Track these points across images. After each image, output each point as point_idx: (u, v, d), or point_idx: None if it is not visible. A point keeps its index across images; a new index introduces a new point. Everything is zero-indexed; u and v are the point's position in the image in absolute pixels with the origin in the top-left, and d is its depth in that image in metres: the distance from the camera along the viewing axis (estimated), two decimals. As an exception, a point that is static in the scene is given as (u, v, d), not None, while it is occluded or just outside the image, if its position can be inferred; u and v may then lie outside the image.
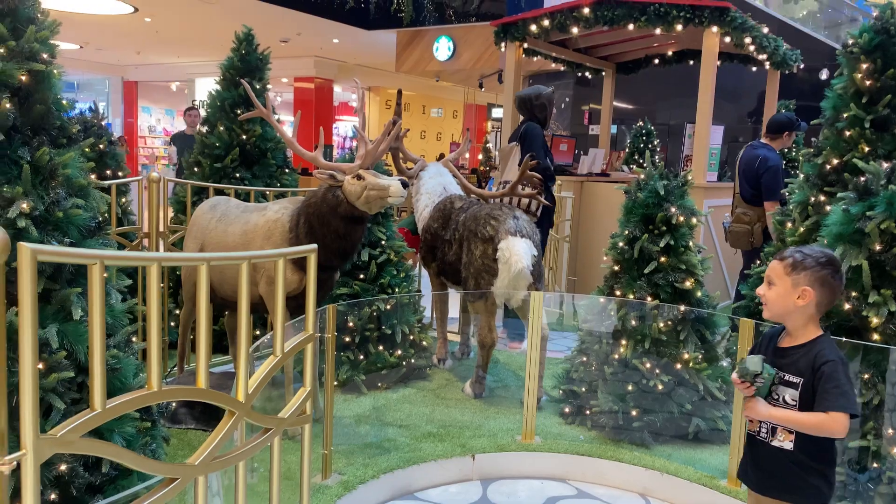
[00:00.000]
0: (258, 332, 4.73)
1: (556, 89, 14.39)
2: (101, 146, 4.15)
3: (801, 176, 4.04)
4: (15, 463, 1.08)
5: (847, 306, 3.02)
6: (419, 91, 19.71)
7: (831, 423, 1.89)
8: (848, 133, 3.79)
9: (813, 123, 4.10)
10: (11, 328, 1.63)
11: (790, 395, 2.00)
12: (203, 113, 5.00)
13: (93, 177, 2.81)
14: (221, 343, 4.50)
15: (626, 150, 10.47)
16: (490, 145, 19.49)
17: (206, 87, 19.22)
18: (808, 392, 1.96)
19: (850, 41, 3.81)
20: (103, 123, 4.30)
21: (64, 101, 2.55)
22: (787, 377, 2.02)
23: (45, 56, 2.40)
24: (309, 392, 1.86)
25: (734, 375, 2.05)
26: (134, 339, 2.69)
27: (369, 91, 19.68)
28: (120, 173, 4.28)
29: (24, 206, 2.24)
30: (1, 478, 1.08)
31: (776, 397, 2.02)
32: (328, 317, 2.95)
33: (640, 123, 10.44)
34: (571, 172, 7.68)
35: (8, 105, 2.27)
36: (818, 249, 2.04)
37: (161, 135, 21.67)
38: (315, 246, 1.87)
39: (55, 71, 2.45)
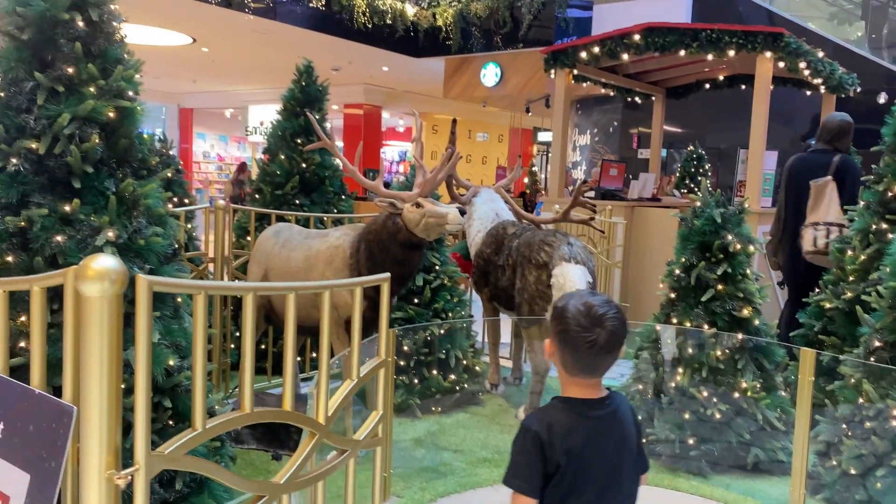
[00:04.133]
0: (314, 355, 4.85)
1: (604, 113, 14.43)
2: (170, 174, 4.33)
3: (862, 203, 3.99)
4: (129, 477, 1.17)
5: (912, 336, 2.98)
6: (465, 116, 19.87)
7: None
8: (911, 160, 3.75)
9: (873, 150, 4.05)
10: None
11: None
12: (258, 138, 5.21)
13: (170, 206, 2.95)
14: (280, 365, 4.61)
15: (677, 174, 10.41)
16: (535, 169, 19.54)
17: (258, 114, 19.78)
18: None
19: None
20: (171, 152, 4.49)
21: (145, 135, 2.70)
22: None
23: (130, 93, 2.55)
24: (382, 416, 1.93)
25: None
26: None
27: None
28: (186, 200, 4.46)
29: (111, 234, 2.37)
30: (115, 491, 1.17)
31: None
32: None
33: (691, 148, 10.38)
34: (622, 197, 7.68)
35: (97, 139, 2.41)
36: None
37: (214, 160, 22.29)
38: (388, 275, 1.95)
39: (138, 107, 2.60)
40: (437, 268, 4.46)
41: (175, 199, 4.41)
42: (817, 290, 4.23)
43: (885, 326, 3.11)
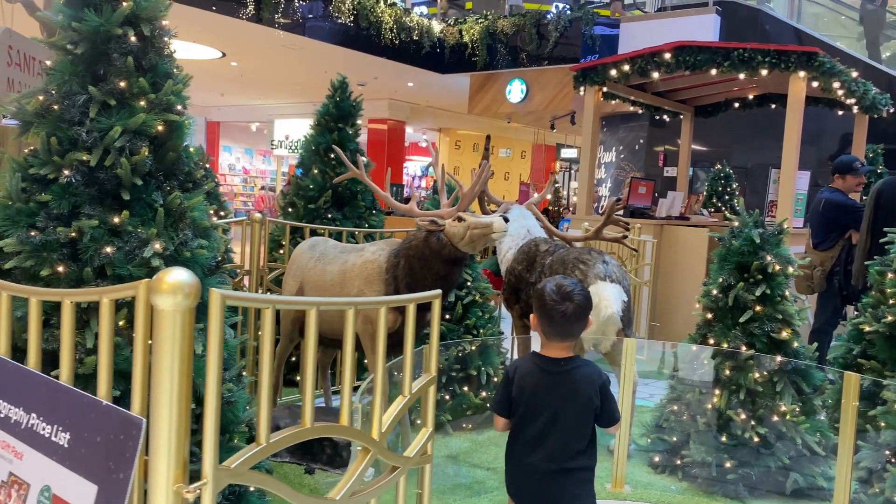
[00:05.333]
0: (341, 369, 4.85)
1: (629, 131, 14.39)
2: (208, 188, 4.37)
3: (903, 226, 3.94)
4: (198, 491, 1.17)
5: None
6: (488, 132, 19.95)
7: None
8: (954, 182, 3.69)
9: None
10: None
11: None
12: (283, 151, 5.27)
13: (215, 219, 2.98)
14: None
15: (704, 193, 10.34)
16: (558, 185, 19.51)
17: (284, 128, 19.97)
18: None
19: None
20: (207, 166, 4.54)
21: (191, 149, 2.73)
22: None
23: (178, 108, 2.59)
24: (431, 433, 1.92)
25: None
26: (244, 373, 2.81)
27: (440, 132, 20.05)
28: (221, 213, 4.50)
29: (158, 246, 2.39)
30: (181, 503, 1.17)
31: None
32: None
33: (718, 166, 10.31)
34: (650, 215, 7.64)
35: (146, 152, 2.44)
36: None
37: (240, 173, 22.51)
38: (440, 291, 1.95)
39: (186, 121, 2.63)
40: (468, 284, 4.46)
41: (212, 212, 4.44)
42: (856, 313, 4.17)
43: (931, 351, 3.05)
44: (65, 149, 2.40)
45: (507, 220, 3.28)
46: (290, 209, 5.04)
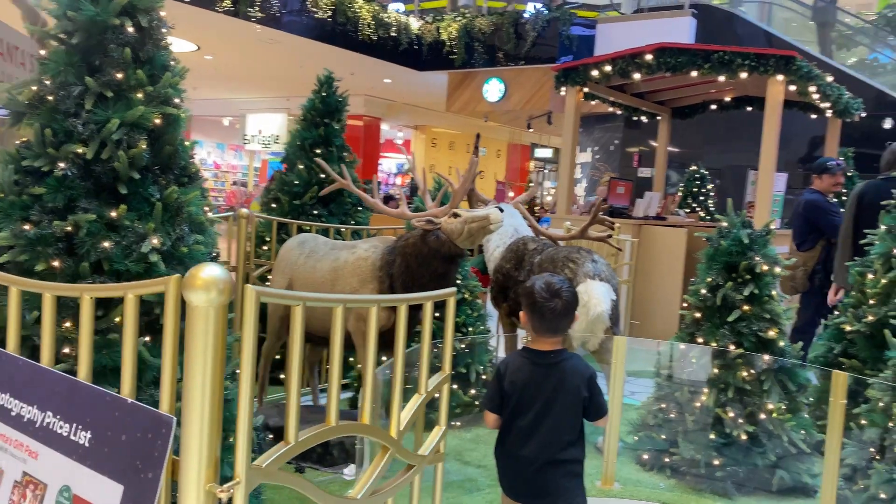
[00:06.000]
0: (327, 367, 4.81)
1: (605, 131, 14.50)
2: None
3: (883, 228, 4.02)
4: (231, 490, 1.15)
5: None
6: (464, 130, 19.96)
7: None
8: (933, 186, 3.78)
9: (894, 175, 4.09)
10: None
11: None
12: (256, 146, 5.22)
13: (210, 214, 2.94)
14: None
15: (679, 193, 10.46)
16: (533, 185, 19.58)
17: (257, 122, 19.76)
18: None
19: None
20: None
21: (186, 142, 2.68)
22: None
23: (176, 100, 2.54)
24: (444, 431, 1.91)
25: None
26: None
27: (416, 129, 20.01)
28: (206, 208, 4.42)
29: (155, 241, 2.35)
30: (213, 502, 1.14)
31: None
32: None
33: (693, 167, 10.45)
34: (629, 215, 7.71)
35: (144, 146, 2.39)
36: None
37: (211, 167, 22.22)
38: (454, 290, 1.94)
39: (182, 114, 2.59)
40: (458, 281, 4.45)
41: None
42: (836, 312, 4.25)
43: (916, 351, 3.12)
44: (59, 141, 2.34)
45: (501, 210, 3.29)
46: (273, 205, 4.99)
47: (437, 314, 4.37)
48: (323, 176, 4.87)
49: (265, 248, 4.68)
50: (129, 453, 1.22)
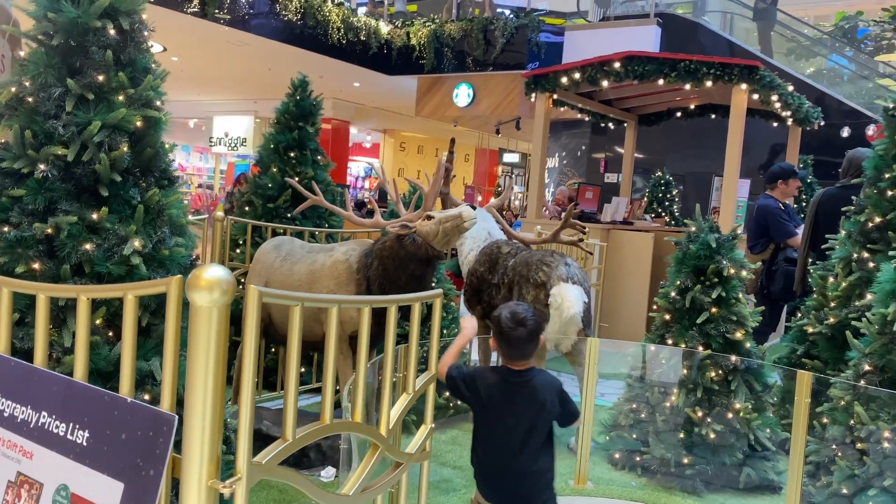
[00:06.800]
0: (303, 370, 4.81)
1: (572, 137, 14.66)
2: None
3: (843, 233, 4.16)
4: (233, 486, 1.17)
5: (902, 360, 3.11)
6: (432, 134, 20.03)
7: None
8: (890, 193, 3.92)
9: (854, 182, 4.24)
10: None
11: None
12: (222, 149, 5.18)
13: (191, 216, 2.93)
14: (268, 380, 4.57)
15: (645, 199, 10.65)
16: (502, 189, 19.71)
17: (223, 125, 19.57)
18: None
19: (892, 105, 3.97)
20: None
21: (167, 145, 2.69)
22: None
23: (157, 103, 2.54)
24: (430, 430, 1.95)
25: None
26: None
27: (384, 133, 20.02)
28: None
29: (137, 244, 2.35)
30: (216, 500, 1.17)
31: None
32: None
33: (659, 174, 10.64)
34: (597, 220, 7.83)
35: (125, 148, 2.39)
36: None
37: (176, 170, 21.94)
38: (441, 291, 1.98)
39: (163, 117, 2.59)
40: (433, 285, 4.48)
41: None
42: (799, 314, 4.39)
43: (875, 351, 3.24)
44: (40, 143, 2.33)
45: (474, 208, 3.34)
46: (247, 208, 4.98)
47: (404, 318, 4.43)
48: (297, 179, 4.88)
49: (238, 251, 4.68)
50: (129, 451, 1.23)
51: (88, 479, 1.27)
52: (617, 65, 6.87)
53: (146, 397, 2.21)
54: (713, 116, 8.67)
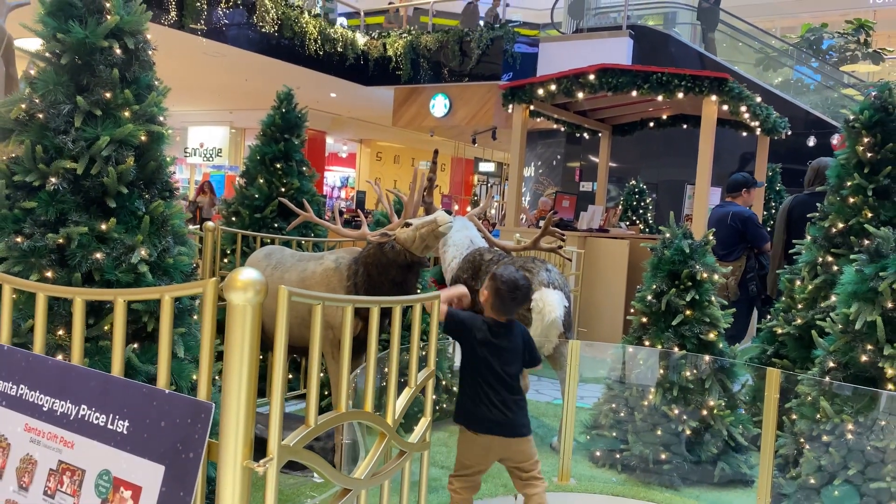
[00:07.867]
0: (291, 377, 4.92)
1: (548, 147, 14.89)
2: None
3: (809, 238, 4.39)
4: (266, 465, 1.31)
5: (864, 358, 3.32)
6: (409, 144, 20.20)
7: None
8: (852, 200, 4.16)
9: (819, 190, 4.47)
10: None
11: None
12: (197, 160, 5.28)
13: (191, 227, 3.04)
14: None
15: (620, 207, 10.89)
16: (477, 198, 19.93)
17: (198, 135, 19.55)
18: None
19: (852, 117, 4.21)
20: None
21: (168, 158, 2.81)
22: None
23: (160, 118, 2.67)
24: (430, 422, 2.09)
25: None
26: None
27: (361, 143, 20.13)
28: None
29: (144, 252, 2.47)
30: (249, 478, 1.30)
31: None
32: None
33: (633, 182, 10.89)
34: (574, 228, 8.03)
35: (131, 161, 2.51)
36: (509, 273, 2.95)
37: (177, 182, 21.83)
38: (438, 293, 2.12)
39: (166, 132, 2.71)
40: (418, 291, 4.62)
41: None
42: (769, 316, 4.60)
43: (838, 349, 3.44)
44: (50, 157, 2.44)
45: (449, 213, 3.48)
46: (234, 218, 5.08)
47: (386, 321, 4.56)
48: (283, 190, 5.01)
49: (225, 260, 4.78)
50: (169, 437, 1.36)
51: (130, 464, 1.39)
52: (592, 77, 7.08)
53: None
54: (685, 126, 8.93)
